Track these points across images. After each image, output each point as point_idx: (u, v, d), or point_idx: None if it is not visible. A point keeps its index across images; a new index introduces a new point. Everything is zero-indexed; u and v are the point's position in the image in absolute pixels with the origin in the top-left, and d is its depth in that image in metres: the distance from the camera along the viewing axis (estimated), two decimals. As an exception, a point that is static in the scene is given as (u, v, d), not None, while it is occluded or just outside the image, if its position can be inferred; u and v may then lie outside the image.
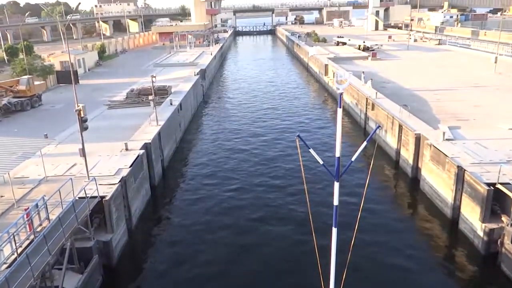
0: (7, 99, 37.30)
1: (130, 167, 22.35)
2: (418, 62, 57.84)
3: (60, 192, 17.40)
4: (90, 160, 22.90)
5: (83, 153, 20.15)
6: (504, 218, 17.99)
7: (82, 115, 20.78)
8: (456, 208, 20.74)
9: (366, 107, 36.45)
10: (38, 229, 16.09)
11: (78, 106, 25.79)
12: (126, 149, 24.79)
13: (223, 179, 27.74)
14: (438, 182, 22.57)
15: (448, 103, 34.63)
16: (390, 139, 30.50)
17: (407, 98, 36.15)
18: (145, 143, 26.09)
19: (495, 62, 47.13)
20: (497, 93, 37.28)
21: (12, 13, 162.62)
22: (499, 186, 18.01)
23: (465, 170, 20.02)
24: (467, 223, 19.70)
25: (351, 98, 42.26)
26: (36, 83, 40.67)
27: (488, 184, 18.21)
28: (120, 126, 31.50)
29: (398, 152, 28.91)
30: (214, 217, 22.79)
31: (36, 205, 16.67)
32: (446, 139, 24.24)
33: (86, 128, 20.31)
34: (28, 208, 16.53)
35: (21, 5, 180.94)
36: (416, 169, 26.16)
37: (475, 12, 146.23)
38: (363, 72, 44.99)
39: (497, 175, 18.35)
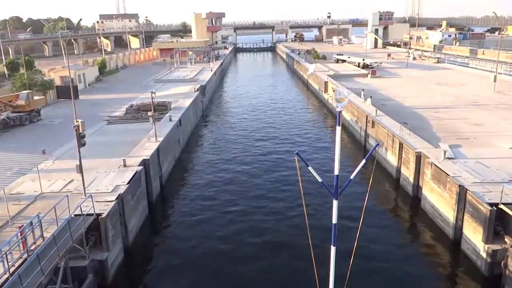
0: (6, 114, 37.19)
1: (127, 184, 22.06)
2: (418, 80, 58.08)
3: (55, 209, 17.12)
4: (88, 176, 22.66)
5: (80, 169, 19.89)
6: (507, 239, 17.66)
7: (80, 131, 20.59)
8: (458, 228, 20.41)
9: (366, 125, 36.34)
10: (32, 248, 15.73)
11: (76, 121, 25.67)
12: (124, 166, 24.55)
13: (222, 197, 27.40)
14: (440, 201, 22.28)
15: (448, 121, 34.57)
16: (390, 157, 30.30)
17: (407, 116, 36.10)
18: (144, 160, 25.86)
19: (494, 81, 47.31)
20: (497, 112, 37.26)
21: (14, 28, 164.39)
22: (502, 206, 17.75)
23: (466, 189, 19.77)
24: (470, 244, 19.34)
25: (351, 116, 42.21)
26: (36, 98, 40.66)
27: (491, 204, 17.94)
28: (118, 142, 31.31)
29: (398, 170, 28.67)
30: (212, 237, 22.39)
31: (31, 223, 16.34)
32: (447, 158, 24.07)
33: (84, 144, 20.10)
34: (22, 225, 16.20)
35: (24, 20, 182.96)
36: (417, 187, 25.89)
37: (473, 31, 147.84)
38: (362, 89, 45.10)
39: (500, 195, 18.10)
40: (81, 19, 27.68)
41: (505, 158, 24.28)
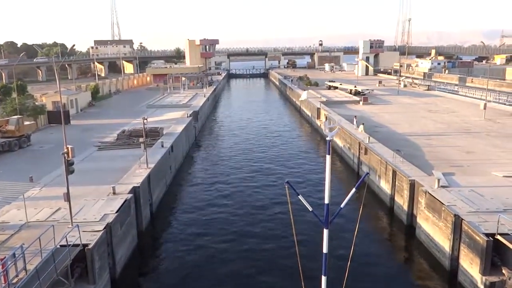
0: (-5, 139, 36.60)
1: (116, 212, 21.48)
2: (409, 107, 58.67)
3: (40, 240, 16.48)
4: (76, 204, 22.09)
5: (67, 197, 19.34)
6: (505, 271, 17.29)
7: (69, 158, 20.15)
8: (455, 259, 20.02)
9: (359, 152, 36.28)
10: (14, 281, 15.01)
11: (66, 147, 25.22)
12: (114, 193, 24.00)
13: (214, 226, 26.82)
14: (435, 231, 21.95)
15: (440, 148, 34.63)
16: (383, 185, 30.08)
17: (399, 143, 36.14)
18: (134, 187, 25.33)
19: (484, 109, 47.88)
20: (488, 139, 37.47)
21: (8, 53, 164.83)
22: (498, 237, 17.45)
23: (462, 219, 19.51)
24: (467, 276, 18.92)
25: (343, 142, 42.21)
26: (26, 123, 40.20)
27: (487, 235, 17.65)
28: (109, 169, 30.78)
29: (392, 198, 28.41)
30: (204, 268, 21.71)
31: (13, 255, 15.67)
32: (441, 186, 23.89)
33: (72, 172, 19.62)
34: (5, 257, 15.51)
35: (18, 45, 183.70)
36: (411, 216, 25.58)
37: (461, 59, 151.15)
38: (355, 116, 45.33)
39: (496, 225, 17.83)
40: (74, 45, 27.65)
41: (499, 187, 24.16)
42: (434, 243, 21.99)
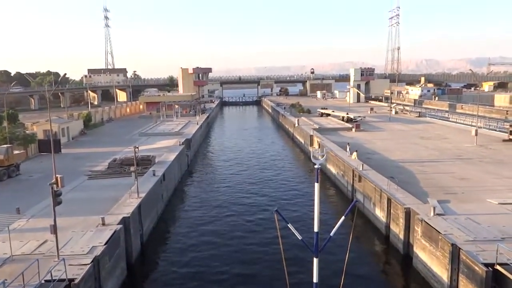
0: (-17, 169, 35.87)
1: (105, 244, 20.79)
2: (401, 134, 59.00)
3: (23, 275, 15.78)
4: (63, 236, 21.42)
5: (54, 230, 18.70)
6: (505, 302, 16.81)
7: (56, 189, 19.64)
8: (454, 289, 19.49)
9: (353, 179, 36.04)
10: (-6, 320, 14.25)
11: (55, 177, 24.71)
12: (103, 224, 23.33)
13: (206, 257, 26.06)
14: (432, 260, 21.48)
15: (434, 175, 34.53)
16: (378, 213, 29.70)
17: (393, 170, 36.04)
18: (124, 217, 24.69)
19: (476, 135, 48.25)
20: (481, 166, 37.51)
21: (2, 82, 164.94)
22: (497, 267, 17.06)
23: (460, 248, 19.12)
24: (467, 307, 18.37)
25: (337, 169, 42.01)
26: (16, 152, 39.56)
27: (486, 265, 17.25)
28: (99, 198, 30.14)
29: (387, 227, 27.97)
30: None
31: (-5, 291, 14.96)
32: (437, 214, 23.59)
33: (59, 203, 19.06)
34: (-15, 294, 14.80)
35: (12, 74, 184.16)
36: (407, 245, 25.11)
37: (450, 86, 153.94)
38: (348, 143, 45.36)
39: (495, 255, 17.46)
40: (65, 74, 27.63)
41: (495, 214, 23.92)
42: (432, 273, 21.48)
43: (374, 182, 31.12)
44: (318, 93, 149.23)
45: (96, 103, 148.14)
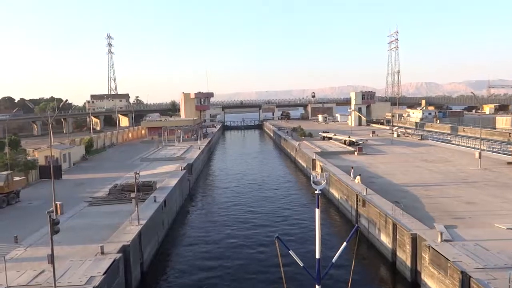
0: (-18, 196, 35.50)
1: (104, 274, 20.21)
2: (404, 157, 58.59)
3: (18, 309, 15.23)
4: (61, 265, 20.87)
5: (51, 259, 18.18)
6: (521, 334, 16.08)
7: (55, 216, 19.25)
8: (465, 320, 18.73)
9: (357, 204, 35.48)
10: None
11: (54, 204, 24.35)
12: (102, 253, 22.78)
13: (208, 287, 25.35)
14: (441, 289, 20.76)
15: (439, 199, 33.97)
16: (384, 239, 29.03)
17: (397, 194, 35.52)
18: (123, 245, 24.13)
19: (480, 158, 47.83)
20: (487, 189, 36.94)
21: (5, 108, 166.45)
22: (510, 296, 16.41)
23: (470, 276, 18.48)
24: None
25: (340, 194, 41.46)
26: (16, 178, 39.24)
27: (498, 294, 16.61)
28: (98, 225, 29.63)
29: (394, 253, 27.27)
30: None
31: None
32: (445, 240, 22.99)
33: (57, 231, 18.61)
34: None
35: (16, 100, 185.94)
36: (415, 272, 24.38)
37: (451, 109, 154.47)
38: (352, 167, 44.95)
39: (507, 284, 16.83)
40: (66, 100, 27.73)
41: (504, 240, 23.30)
42: (441, 302, 20.73)
43: (379, 206, 30.58)
44: (320, 117, 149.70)
45: (98, 128, 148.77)
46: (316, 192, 9.42)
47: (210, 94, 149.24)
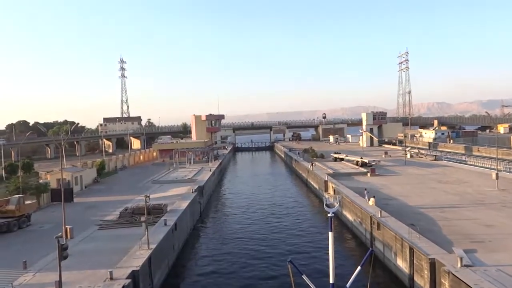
0: (-6, 220, 35.53)
1: (112, 301, 19.73)
2: (418, 178, 57.49)
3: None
4: (69, 292, 20.43)
5: (59, 286, 17.82)
6: None
7: (64, 241, 18.98)
8: None
9: (371, 227, 34.56)
10: None
11: (64, 228, 24.12)
12: (111, 278, 22.32)
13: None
14: (464, 318, 19.76)
15: (457, 222, 32.95)
16: (401, 263, 28.05)
17: (413, 217, 34.61)
18: (133, 271, 23.65)
19: (497, 178, 46.62)
20: (506, 211, 35.79)
21: (20, 132, 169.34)
22: (539, 327, 15.45)
23: (494, 304, 17.55)
24: None
25: (354, 216, 40.56)
26: (27, 202, 39.31)
27: (526, 324, 15.66)
28: (108, 250, 29.27)
29: (411, 279, 26.25)
30: None
31: None
32: (465, 265, 22.04)
33: (65, 257, 18.31)
34: None
35: (30, 124, 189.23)
36: (434, 299, 23.35)
37: (464, 129, 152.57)
38: (365, 189, 44.16)
39: (534, 313, 15.90)
40: (77, 123, 27.81)
41: (528, 265, 22.25)
42: (464, 332, 19.70)
43: (394, 230, 29.70)
44: (331, 138, 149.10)
45: (110, 151, 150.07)
46: (329, 215, 9.07)
47: (221, 116, 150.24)
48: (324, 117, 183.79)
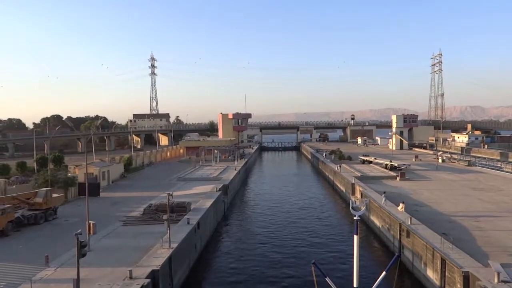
0: (21, 212, 36.20)
1: (130, 301, 19.40)
2: (450, 184, 55.10)
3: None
4: (88, 289, 20.26)
5: (77, 285, 17.60)
6: None
7: (87, 236, 18.78)
8: None
9: (400, 234, 33.10)
10: None
11: (87, 223, 24.06)
12: (130, 277, 22.05)
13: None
14: (500, 338, 18.33)
15: (493, 232, 31.08)
16: (431, 274, 26.61)
17: (444, 225, 32.95)
18: (153, 270, 23.33)
19: (537, 187, 43.97)
20: (547, 223, 33.54)
21: (54, 125, 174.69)
22: None
23: (536, 327, 16.10)
24: None
25: (382, 222, 39.09)
26: (54, 195, 39.92)
27: None
28: (130, 247, 29.14)
29: (442, 292, 24.82)
30: None
31: None
32: (502, 281, 20.52)
33: (84, 255, 18.10)
34: None
35: (63, 118, 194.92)
36: (468, 315, 21.90)
37: (499, 134, 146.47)
38: (384, 192, 42.78)
39: None
40: (104, 118, 27.77)
41: None
42: None
43: (425, 238, 28.22)
44: (359, 140, 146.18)
45: (139, 146, 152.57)
46: (355, 218, 8.31)
47: (248, 115, 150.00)
48: (353, 118, 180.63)
